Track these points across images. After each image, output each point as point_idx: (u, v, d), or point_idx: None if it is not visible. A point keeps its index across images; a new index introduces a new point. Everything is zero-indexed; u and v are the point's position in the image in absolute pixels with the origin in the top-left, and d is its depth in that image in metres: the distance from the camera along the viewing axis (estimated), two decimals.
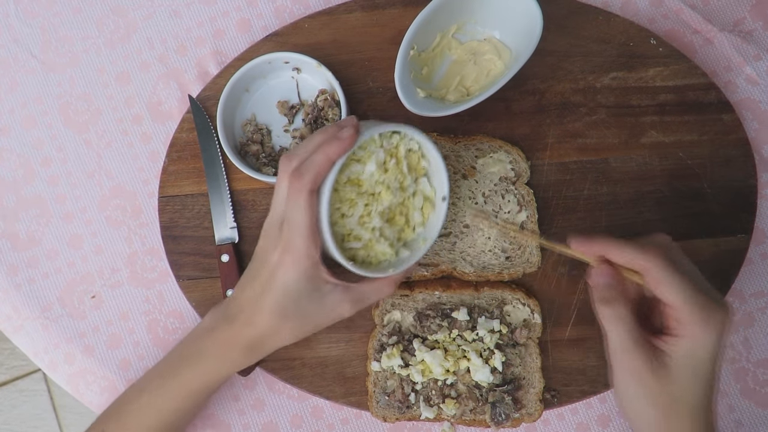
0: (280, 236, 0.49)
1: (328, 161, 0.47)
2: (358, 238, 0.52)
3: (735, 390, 0.62)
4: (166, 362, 0.57)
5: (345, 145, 0.47)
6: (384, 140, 0.52)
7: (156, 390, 0.55)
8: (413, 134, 0.52)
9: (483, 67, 0.62)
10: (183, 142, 0.65)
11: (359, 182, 0.52)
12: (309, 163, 0.47)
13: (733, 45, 0.65)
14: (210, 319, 0.54)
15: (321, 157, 0.47)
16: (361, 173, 0.52)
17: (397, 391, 0.59)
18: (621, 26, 0.64)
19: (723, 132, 0.63)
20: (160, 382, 0.55)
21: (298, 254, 0.48)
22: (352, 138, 0.47)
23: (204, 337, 0.54)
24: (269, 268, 0.49)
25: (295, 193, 0.47)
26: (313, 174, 0.46)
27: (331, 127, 0.49)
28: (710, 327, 0.43)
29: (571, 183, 0.63)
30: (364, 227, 0.52)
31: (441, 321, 0.59)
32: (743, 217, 0.61)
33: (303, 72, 0.64)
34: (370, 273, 0.51)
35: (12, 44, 0.69)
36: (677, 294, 0.43)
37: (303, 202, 0.46)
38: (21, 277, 0.66)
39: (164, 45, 0.69)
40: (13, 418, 1.39)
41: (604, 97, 0.63)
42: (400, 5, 0.65)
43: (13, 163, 0.68)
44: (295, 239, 0.47)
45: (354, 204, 0.51)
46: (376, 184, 0.52)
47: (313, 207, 0.47)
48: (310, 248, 0.47)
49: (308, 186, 0.46)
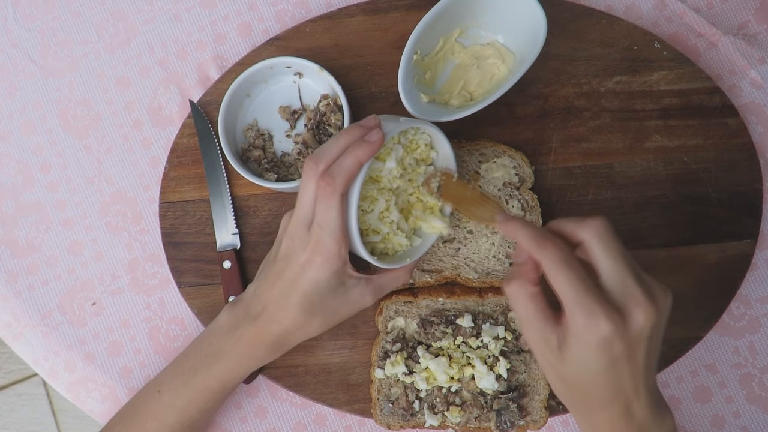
0: (309, 237, 0.49)
1: (358, 165, 0.48)
2: (377, 231, 0.54)
3: (741, 396, 0.61)
4: (182, 362, 0.56)
5: (374, 148, 0.48)
6: (401, 136, 0.54)
7: (176, 390, 0.55)
8: (429, 129, 0.54)
9: (486, 72, 0.62)
10: (184, 147, 0.64)
11: (378, 178, 0.54)
12: (339, 167, 0.47)
13: (737, 48, 0.64)
14: (229, 318, 0.54)
15: (351, 160, 0.47)
16: (381, 170, 0.53)
17: (401, 398, 0.58)
18: (625, 30, 0.64)
19: (728, 136, 0.62)
20: (181, 380, 0.55)
21: (329, 255, 0.48)
22: (381, 141, 0.48)
23: (225, 335, 0.54)
24: (295, 268, 0.50)
25: (326, 197, 0.47)
26: (345, 177, 0.47)
27: (355, 129, 0.49)
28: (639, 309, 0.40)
29: (575, 188, 0.62)
30: (383, 222, 0.54)
31: (445, 328, 0.58)
32: (749, 222, 0.61)
33: (305, 76, 0.63)
34: (391, 264, 0.53)
35: (10, 49, 0.69)
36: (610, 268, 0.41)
37: (336, 205, 0.47)
38: (21, 284, 0.66)
39: (164, 49, 0.68)
40: (11, 422, 1.39)
41: (608, 102, 0.63)
42: (402, 9, 0.65)
43: (12, 169, 0.67)
44: (326, 241, 0.48)
45: (374, 200, 0.53)
46: (394, 180, 0.54)
47: (344, 210, 0.48)
48: (341, 249, 0.49)
49: (340, 189, 0.47)
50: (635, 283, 0.41)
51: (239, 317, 0.53)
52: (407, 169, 0.55)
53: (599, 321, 0.40)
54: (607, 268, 0.41)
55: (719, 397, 0.62)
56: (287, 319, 0.51)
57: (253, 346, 0.53)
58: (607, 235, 0.42)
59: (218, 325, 0.55)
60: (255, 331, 0.53)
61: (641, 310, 0.40)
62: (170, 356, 0.64)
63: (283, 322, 0.52)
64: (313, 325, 0.52)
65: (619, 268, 0.41)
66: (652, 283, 0.42)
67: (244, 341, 0.53)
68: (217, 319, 0.55)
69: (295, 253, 0.50)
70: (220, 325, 0.54)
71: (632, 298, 0.40)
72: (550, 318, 0.42)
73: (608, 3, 0.66)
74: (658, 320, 0.41)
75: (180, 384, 0.55)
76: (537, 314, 0.42)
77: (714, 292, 0.61)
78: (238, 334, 0.53)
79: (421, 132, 0.55)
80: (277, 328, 0.52)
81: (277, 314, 0.51)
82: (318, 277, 0.49)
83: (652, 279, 0.43)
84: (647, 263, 0.60)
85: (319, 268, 0.49)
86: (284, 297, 0.51)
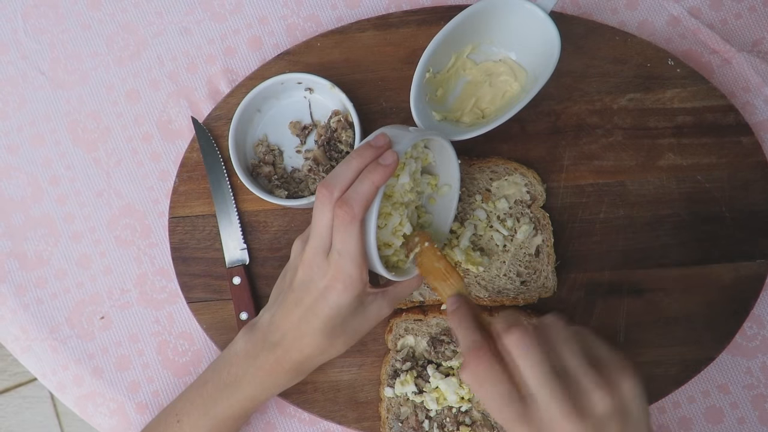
0: (328, 264, 0.48)
1: (375, 190, 0.47)
2: (390, 245, 0.53)
3: (753, 417, 0.61)
4: (200, 390, 0.55)
5: (390, 171, 0.47)
6: (413, 149, 0.54)
7: (196, 420, 0.54)
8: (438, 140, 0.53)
9: (498, 89, 0.61)
10: (193, 162, 0.64)
11: (391, 194, 0.53)
12: (355, 193, 0.46)
13: (751, 65, 0.64)
14: (247, 345, 0.54)
15: (368, 186, 0.46)
16: (394, 185, 0.53)
17: (410, 418, 0.58)
18: (638, 47, 0.63)
19: (742, 155, 0.62)
20: (202, 411, 0.54)
21: (351, 280, 0.48)
22: (396, 163, 0.47)
23: (243, 363, 0.53)
24: (315, 294, 0.50)
25: (344, 225, 0.46)
26: (362, 204, 0.46)
27: (367, 150, 0.48)
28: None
29: (587, 206, 0.62)
30: (396, 236, 0.53)
31: (455, 347, 0.58)
32: (762, 242, 0.61)
33: (316, 92, 0.63)
34: (405, 276, 0.53)
35: (20, 61, 0.69)
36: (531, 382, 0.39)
37: (356, 232, 0.46)
38: (29, 297, 0.66)
39: (174, 62, 0.68)
40: (16, 425, 1.39)
41: (621, 119, 0.63)
42: (413, 24, 0.65)
43: (21, 181, 0.67)
44: (348, 267, 0.48)
45: (388, 215, 0.53)
46: (406, 194, 0.53)
47: (363, 235, 0.47)
48: (363, 273, 0.48)
49: (359, 217, 0.46)
50: (560, 392, 0.38)
51: (257, 345, 0.53)
52: (417, 181, 0.55)
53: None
54: (528, 381, 0.39)
55: (731, 418, 0.61)
56: (309, 345, 0.51)
57: (274, 374, 0.53)
58: (524, 347, 0.39)
59: (236, 352, 0.54)
60: (275, 359, 0.52)
61: (564, 422, 0.37)
62: (179, 371, 0.64)
63: (305, 349, 0.51)
64: (337, 347, 0.52)
65: (540, 378, 0.38)
66: (588, 384, 0.38)
67: (265, 369, 0.53)
68: (233, 344, 0.55)
69: (313, 281, 0.49)
70: (238, 352, 0.54)
71: (554, 407, 0.38)
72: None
73: (621, 19, 0.66)
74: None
75: (201, 414, 0.54)
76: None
77: (727, 313, 0.60)
78: (259, 363, 0.52)
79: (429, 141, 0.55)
80: (299, 355, 0.52)
81: (297, 341, 0.51)
82: (340, 302, 0.49)
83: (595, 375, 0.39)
84: (659, 283, 0.61)
85: (341, 294, 0.48)
86: (305, 324, 0.50)
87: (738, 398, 0.61)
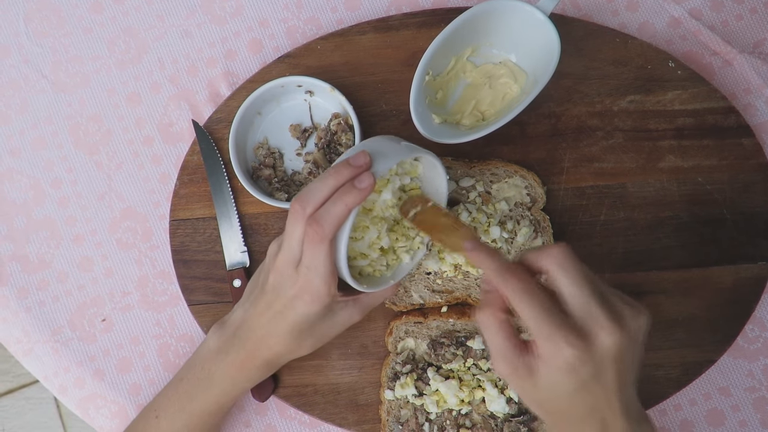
0: (297, 276, 0.50)
1: (347, 212, 0.47)
2: (365, 256, 0.53)
3: (755, 419, 0.61)
4: (176, 386, 0.56)
5: (364, 195, 0.47)
6: (399, 166, 0.52)
7: (173, 416, 0.55)
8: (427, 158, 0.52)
9: (498, 91, 0.61)
10: (194, 165, 0.64)
11: (372, 208, 0.53)
12: (326, 214, 0.47)
13: (752, 67, 0.64)
14: (218, 342, 0.55)
15: (340, 207, 0.46)
16: (375, 201, 0.52)
17: (410, 420, 0.58)
18: (638, 48, 0.63)
19: (743, 157, 0.61)
20: (178, 406, 0.56)
21: (318, 294, 0.49)
22: (371, 188, 0.47)
23: (216, 360, 0.55)
24: (284, 301, 0.51)
25: (314, 243, 0.47)
26: (333, 225, 0.47)
27: (345, 169, 0.48)
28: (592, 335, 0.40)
29: (587, 208, 0.62)
30: (372, 248, 0.53)
31: (456, 350, 0.58)
32: (763, 244, 0.60)
33: (316, 95, 0.63)
34: (377, 287, 0.54)
35: (22, 64, 0.69)
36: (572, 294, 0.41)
37: (324, 251, 0.47)
38: (31, 300, 0.66)
39: (175, 66, 0.68)
40: (19, 426, 1.39)
41: (621, 121, 0.62)
42: (413, 27, 0.65)
43: (23, 184, 0.67)
44: (315, 282, 0.49)
45: (366, 229, 0.52)
46: (387, 209, 0.53)
47: (332, 254, 0.48)
48: (331, 287, 0.50)
49: (329, 237, 0.47)
50: (599, 307, 0.40)
51: (228, 342, 0.54)
52: (401, 197, 0.54)
53: (562, 347, 0.40)
54: (569, 294, 0.41)
55: (732, 421, 0.61)
56: (278, 344, 0.53)
57: (245, 370, 0.54)
58: (567, 262, 0.41)
59: (208, 348, 0.55)
60: (246, 356, 0.54)
61: (605, 332, 0.40)
62: None
63: (274, 347, 0.53)
64: (305, 348, 0.54)
65: (582, 293, 0.41)
66: (621, 305, 0.42)
67: (236, 365, 0.54)
68: (206, 341, 0.56)
69: (283, 287, 0.51)
70: (210, 348, 0.55)
71: (596, 322, 0.40)
72: (518, 346, 0.42)
73: (621, 21, 0.66)
74: (624, 341, 0.40)
75: (177, 410, 0.55)
76: (504, 342, 0.42)
77: (728, 315, 0.60)
78: (230, 359, 0.54)
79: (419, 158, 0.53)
80: (268, 353, 0.53)
81: (267, 340, 0.53)
82: (307, 312, 0.51)
83: (623, 300, 0.42)
84: (660, 285, 0.60)
85: (308, 305, 0.50)
86: (274, 326, 0.52)
87: (739, 401, 0.61)
